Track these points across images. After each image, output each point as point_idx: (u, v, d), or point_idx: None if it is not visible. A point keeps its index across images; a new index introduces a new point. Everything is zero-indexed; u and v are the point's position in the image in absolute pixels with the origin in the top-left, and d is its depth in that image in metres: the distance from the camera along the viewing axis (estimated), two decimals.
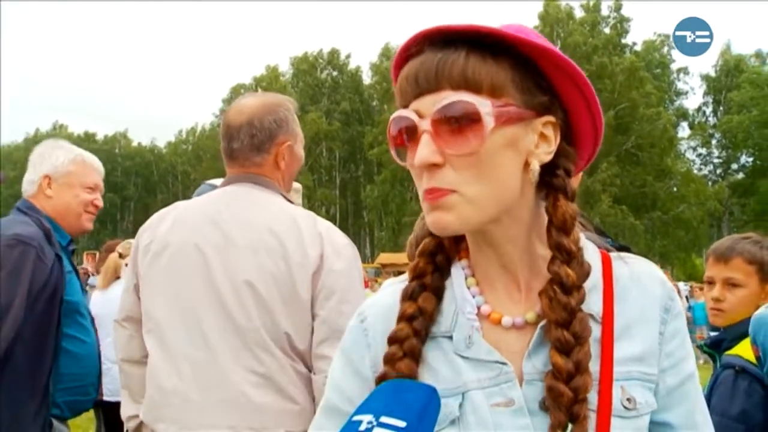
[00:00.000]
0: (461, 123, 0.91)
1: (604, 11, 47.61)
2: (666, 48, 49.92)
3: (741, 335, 2.35)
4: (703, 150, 51.18)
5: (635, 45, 48.97)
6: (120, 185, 65.69)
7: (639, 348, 0.99)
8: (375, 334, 1.08)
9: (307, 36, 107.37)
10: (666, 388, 1.01)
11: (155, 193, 65.56)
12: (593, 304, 0.99)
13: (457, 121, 0.92)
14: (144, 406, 2.16)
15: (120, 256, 5.25)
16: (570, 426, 0.91)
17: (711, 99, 51.42)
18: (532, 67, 0.96)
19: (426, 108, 0.93)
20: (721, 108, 50.22)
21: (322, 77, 58.45)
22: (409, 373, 0.98)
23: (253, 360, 2.00)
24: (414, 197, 48.71)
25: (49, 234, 2.56)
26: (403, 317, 1.02)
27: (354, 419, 0.85)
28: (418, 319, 1.01)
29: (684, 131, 51.28)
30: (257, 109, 2.21)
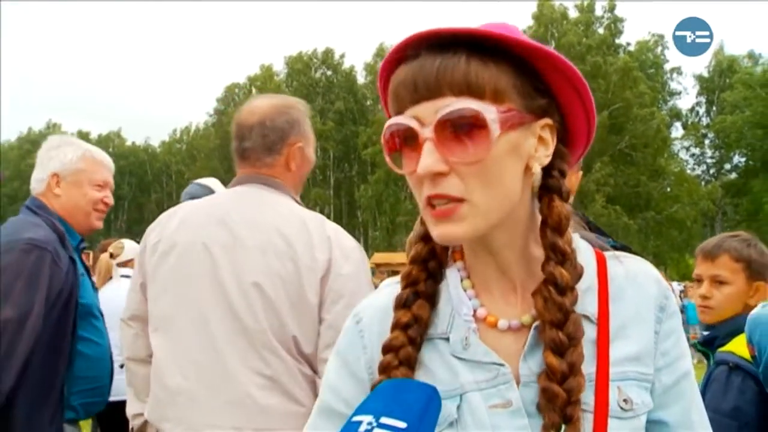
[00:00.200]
0: (466, 130, 0.90)
1: (598, 11, 47.66)
2: (660, 48, 50.05)
3: (733, 332, 2.37)
4: (697, 150, 51.29)
5: (629, 45, 49.06)
6: (114, 184, 64.98)
7: (635, 348, 1.00)
8: (371, 335, 1.08)
9: (302, 35, 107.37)
10: (662, 386, 1.01)
11: (149, 193, 65.32)
12: (588, 304, 0.99)
13: (462, 129, 0.90)
14: (149, 404, 2.15)
15: (111, 256, 5.22)
16: (564, 427, 0.90)
17: (704, 99, 51.50)
18: (530, 70, 0.95)
19: (426, 115, 0.91)
20: (714, 108, 50.33)
21: (316, 77, 58.27)
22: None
23: (260, 362, 1.99)
24: (408, 197, 48.70)
25: (63, 236, 2.51)
26: (398, 325, 1.02)
27: (354, 420, 0.84)
28: (412, 327, 1.01)
29: (677, 131, 51.42)
30: (269, 110, 2.21)
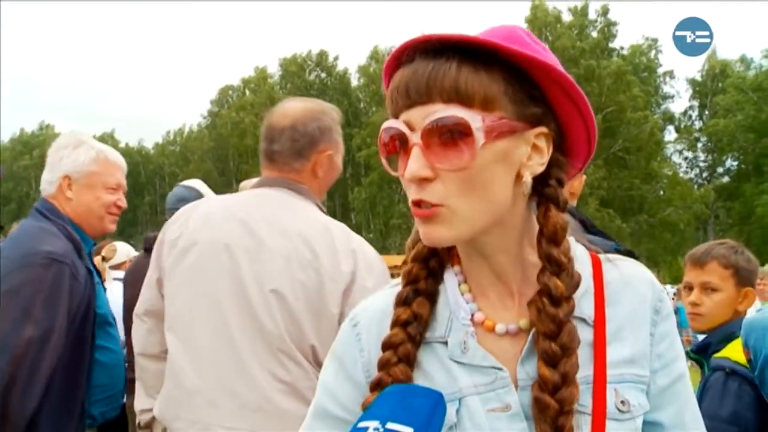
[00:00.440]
0: (452, 137, 0.90)
1: (591, 15, 47.83)
2: (653, 52, 50.20)
3: (726, 337, 2.38)
4: (689, 153, 51.44)
5: (622, 49, 49.21)
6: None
7: (631, 350, 1.00)
8: (369, 338, 1.08)
9: (296, 37, 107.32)
10: (657, 388, 1.02)
11: (142, 195, 65.07)
12: (585, 308, 1.00)
13: (448, 136, 0.90)
14: (161, 402, 2.12)
15: (103, 259, 5.21)
16: None
17: (697, 103, 51.66)
18: (524, 77, 0.95)
19: (416, 120, 0.92)
20: (707, 112, 50.49)
21: (310, 79, 58.33)
22: (405, 379, 0.99)
23: (279, 366, 1.96)
24: (402, 199, 48.74)
25: (79, 246, 2.45)
26: (398, 322, 1.02)
27: (360, 425, 0.84)
28: (412, 325, 1.01)
29: (670, 135, 51.58)
30: (302, 114, 2.18)
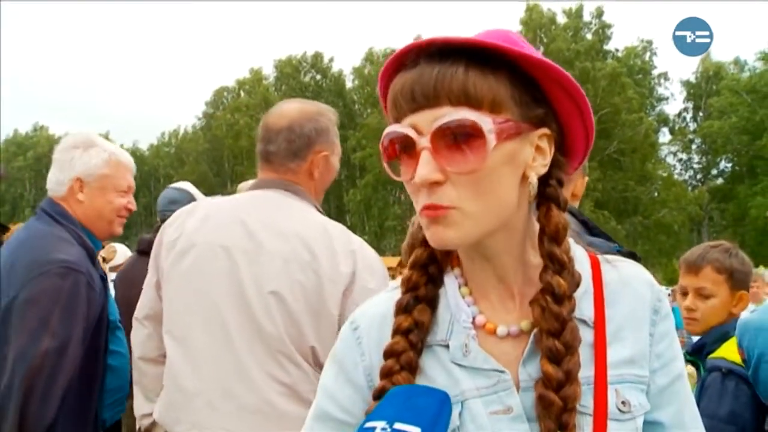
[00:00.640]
0: (462, 139, 0.90)
1: (586, 17, 47.97)
2: (648, 54, 50.34)
3: (721, 338, 2.39)
4: (684, 155, 51.59)
5: (617, 51, 49.34)
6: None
7: (630, 351, 1.01)
8: (369, 342, 1.08)
9: (291, 39, 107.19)
10: (657, 388, 1.03)
11: (137, 196, 63.98)
12: (585, 309, 1.01)
13: (459, 139, 0.90)
14: (161, 406, 2.12)
15: (103, 260, 5.22)
16: None
17: (691, 105, 51.81)
18: (527, 80, 0.96)
19: (424, 124, 0.92)
20: (701, 114, 50.65)
21: (305, 81, 58.33)
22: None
23: (278, 368, 1.97)
24: (396, 201, 48.75)
25: (92, 253, 2.43)
26: (399, 330, 1.02)
27: (366, 426, 0.84)
28: (413, 332, 1.02)
29: (664, 137, 51.72)
30: (298, 115, 2.19)
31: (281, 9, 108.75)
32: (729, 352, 2.26)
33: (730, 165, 48.62)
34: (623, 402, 0.97)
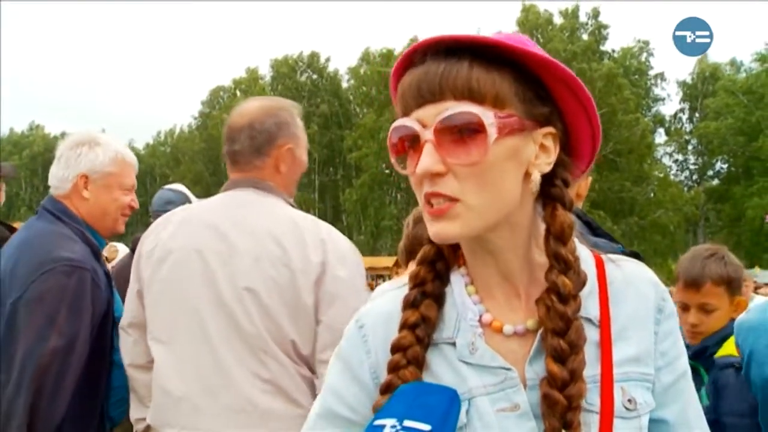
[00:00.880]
0: (464, 133, 0.93)
1: (582, 18, 48.03)
2: (644, 54, 50.38)
3: (722, 339, 2.38)
4: (680, 156, 51.68)
5: (614, 52, 49.38)
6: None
7: (636, 349, 1.02)
8: (375, 340, 1.09)
9: (288, 39, 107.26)
10: (662, 386, 1.04)
11: (138, 205, 64.93)
12: (591, 308, 1.01)
13: (461, 132, 0.93)
14: (151, 410, 2.15)
15: (106, 259, 5.23)
16: None
17: (687, 106, 51.90)
18: (533, 78, 0.97)
19: (429, 117, 0.94)
20: (697, 115, 50.73)
21: (301, 80, 58.18)
22: (414, 381, 0.99)
23: (259, 365, 1.99)
24: (393, 201, 48.77)
25: (96, 250, 2.43)
26: (406, 325, 1.03)
27: (376, 424, 0.85)
28: (420, 327, 1.02)
29: (661, 137, 51.79)
30: (258, 112, 2.21)
31: (278, 9, 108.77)
32: (734, 349, 2.25)
33: (726, 166, 48.76)
34: (629, 400, 0.98)
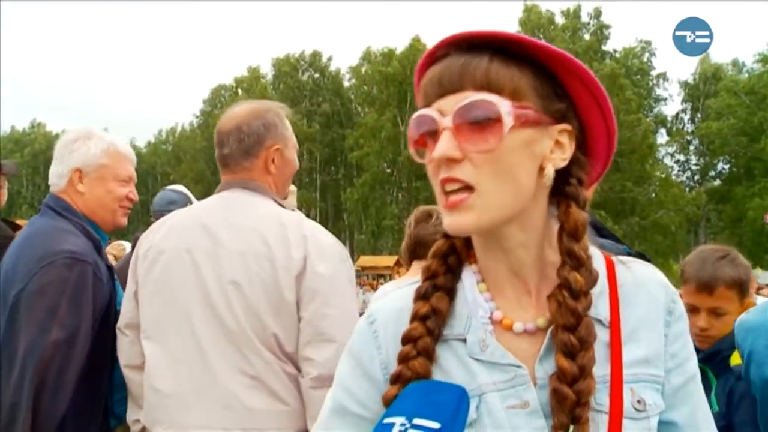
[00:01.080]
0: (481, 121, 0.95)
1: (584, 18, 47.98)
2: (646, 55, 50.30)
3: (733, 344, 2.33)
4: (681, 156, 51.60)
5: (615, 52, 49.32)
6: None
7: (645, 351, 1.02)
8: (386, 336, 1.10)
9: (289, 38, 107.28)
10: (671, 387, 1.04)
11: (138, 198, 64.94)
12: (601, 309, 1.02)
13: (478, 119, 0.95)
14: (144, 409, 2.17)
15: (114, 258, 5.25)
16: (572, 428, 0.93)
17: (689, 106, 51.82)
18: (550, 75, 1.00)
19: (448, 107, 0.97)
20: (699, 115, 50.66)
21: (303, 79, 58.12)
22: (424, 373, 1.01)
23: (243, 362, 2.02)
24: (394, 200, 48.74)
25: (98, 244, 2.43)
26: (417, 316, 1.04)
27: (385, 422, 0.86)
28: (431, 319, 1.04)
29: (662, 137, 51.72)
30: (246, 115, 2.25)
31: (280, 8, 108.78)
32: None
33: (727, 166, 48.68)
34: (639, 401, 0.99)
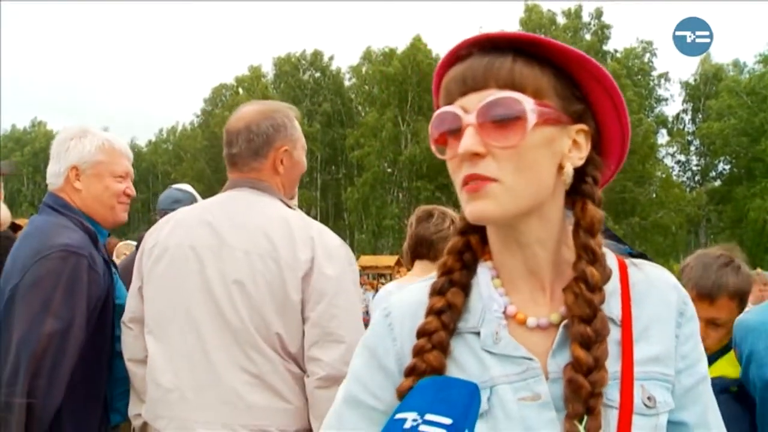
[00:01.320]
0: (505, 118, 0.97)
1: (585, 18, 47.98)
2: (647, 55, 50.27)
3: (719, 354, 2.30)
4: (682, 157, 51.57)
5: (617, 52, 49.29)
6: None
7: (657, 349, 1.04)
8: (402, 329, 1.12)
9: (290, 37, 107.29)
10: (682, 388, 1.06)
11: (135, 192, 64.90)
12: (613, 307, 1.04)
13: (501, 116, 0.97)
14: (145, 404, 2.20)
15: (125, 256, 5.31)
16: (586, 418, 0.95)
17: (690, 106, 51.77)
18: (569, 77, 1.04)
19: (472, 104, 1.00)
20: (700, 115, 50.61)
21: (304, 78, 58.06)
22: (438, 366, 1.03)
23: (246, 360, 2.03)
24: (394, 200, 48.72)
25: (95, 238, 2.44)
26: (432, 311, 1.07)
27: (397, 417, 0.86)
28: (446, 313, 1.06)
29: (663, 138, 51.68)
30: (255, 115, 2.26)
31: (281, 7, 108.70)
32: (728, 368, 2.19)
33: (728, 167, 48.69)
34: (649, 397, 1.01)
